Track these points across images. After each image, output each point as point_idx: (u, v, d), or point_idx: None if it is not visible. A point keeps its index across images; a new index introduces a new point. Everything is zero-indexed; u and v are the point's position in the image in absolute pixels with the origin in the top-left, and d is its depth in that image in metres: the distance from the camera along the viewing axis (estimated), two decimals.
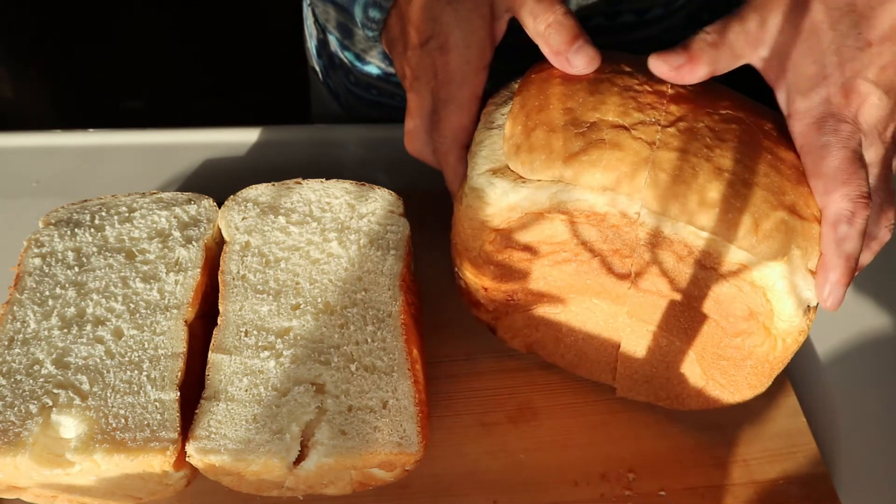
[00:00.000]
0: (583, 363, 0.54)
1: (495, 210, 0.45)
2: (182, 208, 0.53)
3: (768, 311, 0.43)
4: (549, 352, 0.55)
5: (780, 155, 0.43)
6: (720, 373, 0.48)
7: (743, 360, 0.46)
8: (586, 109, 0.43)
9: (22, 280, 0.49)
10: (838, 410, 0.57)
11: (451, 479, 0.51)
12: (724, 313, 0.45)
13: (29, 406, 0.44)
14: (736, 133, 0.43)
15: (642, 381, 0.53)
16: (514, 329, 0.54)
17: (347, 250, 0.51)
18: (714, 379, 0.49)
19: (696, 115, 0.43)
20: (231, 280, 0.49)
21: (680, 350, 0.49)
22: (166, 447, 0.42)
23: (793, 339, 0.44)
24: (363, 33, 0.56)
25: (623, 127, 0.43)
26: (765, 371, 0.47)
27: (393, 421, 0.45)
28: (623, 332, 0.51)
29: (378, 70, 0.71)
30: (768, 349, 0.45)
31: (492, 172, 0.45)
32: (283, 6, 1.19)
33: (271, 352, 0.47)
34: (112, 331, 0.47)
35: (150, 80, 1.46)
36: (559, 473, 0.52)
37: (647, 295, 0.47)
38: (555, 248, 0.46)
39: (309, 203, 0.53)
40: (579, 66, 0.44)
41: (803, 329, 0.44)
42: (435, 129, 0.49)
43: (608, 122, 0.43)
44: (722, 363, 0.48)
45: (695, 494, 0.51)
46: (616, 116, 0.43)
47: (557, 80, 0.46)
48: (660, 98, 0.44)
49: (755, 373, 0.47)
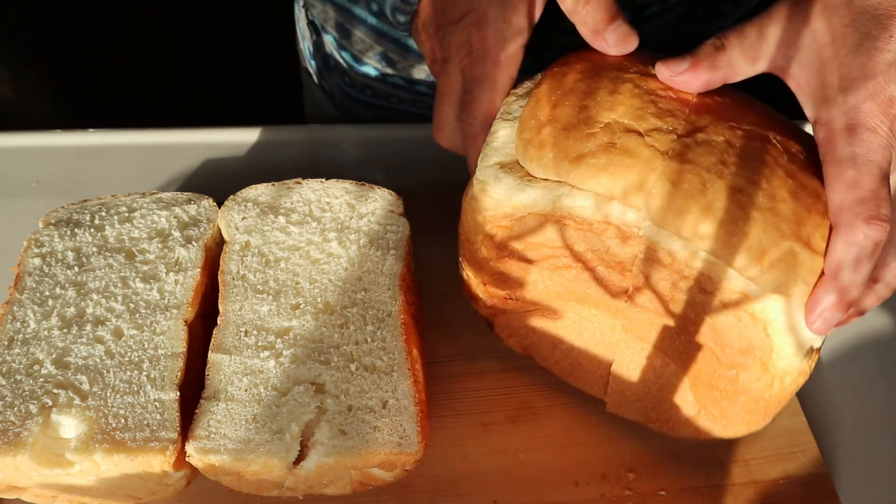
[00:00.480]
0: (576, 373, 0.53)
1: (497, 206, 0.44)
2: (182, 208, 0.53)
3: (767, 347, 0.41)
4: (543, 356, 0.54)
5: (802, 181, 0.40)
6: (713, 403, 0.46)
7: (737, 394, 0.44)
8: (602, 109, 0.42)
9: (22, 280, 0.49)
10: (838, 410, 0.57)
11: (451, 479, 0.51)
12: (720, 342, 0.42)
13: (29, 406, 0.44)
14: (757, 152, 0.40)
15: (633, 399, 0.51)
16: (510, 328, 0.53)
17: (347, 250, 0.51)
18: (706, 409, 0.47)
19: (716, 128, 0.41)
20: (231, 280, 0.49)
21: (674, 374, 0.47)
22: (166, 447, 0.42)
23: (791, 380, 0.42)
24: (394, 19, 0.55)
25: (637, 132, 0.41)
26: (759, 409, 0.44)
27: (393, 421, 0.45)
28: (618, 347, 0.49)
29: (375, 71, 0.71)
30: (764, 386, 0.42)
31: (500, 166, 0.44)
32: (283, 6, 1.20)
33: (271, 352, 0.47)
34: (112, 331, 0.47)
35: (149, 80, 1.46)
36: (559, 473, 0.52)
37: (644, 312, 0.45)
38: (555, 253, 0.45)
39: (309, 203, 0.53)
40: (616, 45, 0.43)
41: (804, 370, 0.42)
42: (464, 110, 0.47)
43: (623, 124, 0.41)
44: (715, 394, 0.45)
45: (695, 494, 0.51)
46: (632, 120, 0.41)
47: (579, 75, 0.44)
48: (682, 106, 0.42)
49: (748, 409, 0.44)
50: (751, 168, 0.40)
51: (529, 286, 0.48)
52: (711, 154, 0.40)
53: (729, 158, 0.40)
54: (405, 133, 0.70)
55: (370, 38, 0.68)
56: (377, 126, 0.71)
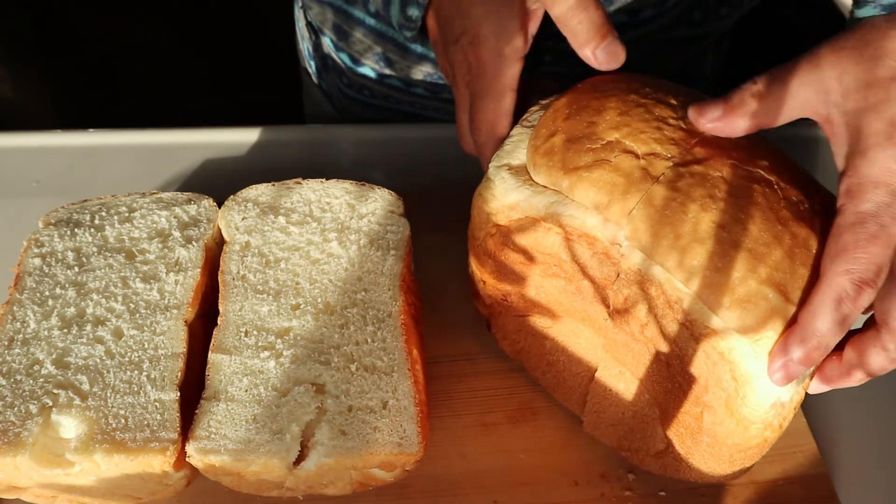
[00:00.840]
0: (560, 387, 0.53)
1: (499, 204, 0.46)
2: (182, 208, 0.53)
3: (732, 390, 0.39)
4: (532, 365, 0.54)
5: (794, 230, 0.39)
6: (679, 440, 0.45)
7: (699, 434, 0.43)
8: (608, 127, 0.42)
9: (22, 280, 0.49)
10: (838, 410, 0.57)
11: (451, 479, 0.51)
12: (687, 377, 0.41)
13: (29, 406, 0.44)
14: (752, 193, 0.40)
15: (608, 423, 0.50)
16: (505, 330, 0.53)
17: (347, 250, 0.51)
18: (673, 445, 0.46)
19: (717, 164, 0.41)
20: (231, 280, 0.49)
21: (647, 403, 0.47)
22: (166, 447, 0.42)
23: (756, 431, 0.40)
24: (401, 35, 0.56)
25: (634, 153, 0.41)
26: (722, 455, 0.43)
27: (393, 421, 0.45)
28: (599, 367, 0.49)
29: (372, 72, 0.71)
30: (728, 432, 0.41)
31: (509, 168, 0.46)
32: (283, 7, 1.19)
33: (271, 352, 0.47)
34: (112, 331, 0.47)
35: (149, 80, 1.46)
36: (559, 473, 0.52)
37: (622, 333, 0.45)
38: (546, 259, 0.46)
39: (309, 203, 0.53)
40: (604, 62, 0.43)
41: (771, 425, 0.40)
42: (472, 121, 0.49)
43: (623, 144, 0.42)
44: (680, 430, 0.44)
45: (695, 494, 0.51)
46: (633, 141, 0.42)
47: (597, 93, 0.45)
48: (689, 137, 0.42)
49: (711, 453, 0.43)
50: (739, 207, 0.39)
51: (527, 286, 0.49)
52: (702, 187, 0.40)
53: (719, 194, 0.39)
54: (405, 133, 0.70)
55: (369, 38, 0.68)
56: (377, 126, 0.71)
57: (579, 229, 0.43)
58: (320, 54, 0.77)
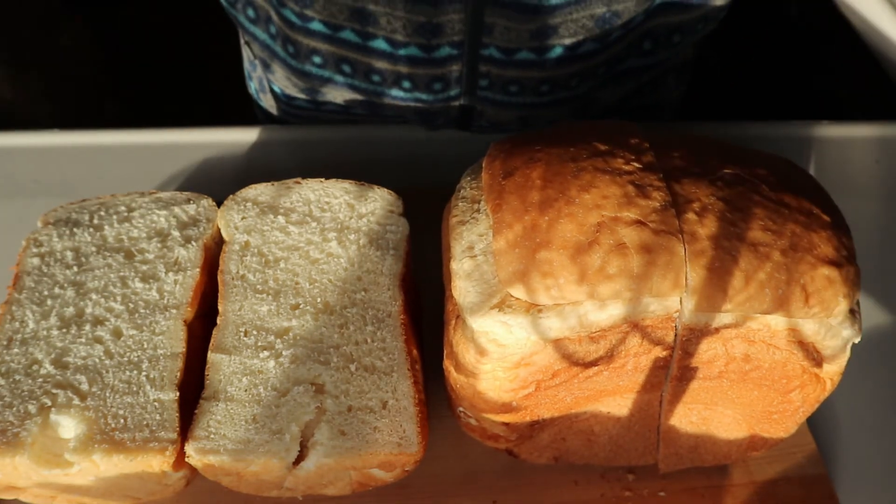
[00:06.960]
0: (620, 454, 0.51)
1: (517, 349, 0.41)
2: (181, 208, 0.53)
3: (819, 360, 0.43)
4: (580, 456, 0.51)
5: (786, 201, 0.42)
6: (769, 424, 0.48)
7: (796, 410, 0.46)
8: (587, 210, 0.39)
9: (21, 280, 0.49)
10: (838, 410, 0.57)
11: (451, 479, 0.51)
12: (775, 378, 0.44)
13: (28, 406, 0.44)
14: (744, 194, 0.41)
15: (686, 450, 0.51)
16: (539, 448, 0.50)
17: (347, 250, 0.51)
18: (761, 430, 0.49)
19: (701, 189, 0.41)
20: (230, 280, 0.49)
21: (724, 415, 0.48)
22: (165, 447, 0.42)
23: (837, 374, 0.44)
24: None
25: (639, 222, 0.39)
26: (813, 408, 0.47)
27: (393, 421, 0.45)
28: (662, 417, 0.48)
29: (321, 27, 0.63)
30: (819, 392, 0.45)
31: (496, 308, 0.40)
32: None
33: (271, 352, 0.47)
34: (111, 331, 0.47)
35: (149, 80, 1.46)
36: (559, 473, 0.51)
37: (685, 383, 0.45)
38: (576, 371, 0.43)
39: (308, 203, 0.53)
40: None
41: (844, 362, 0.45)
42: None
43: (620, 219, 0.39)
44: (774, 417, 0.47)
45: (695, 494, 0.51)
46: (624, 211, 0.39)
47: (537, 182, 0.41)
48: (654, 174, 0.41)
49: (806, 412, 0.47)
50: (753, 215, 0.41)
51: (559, 402, 0.46)
52: (718, 219, 0.40)
53: (732, 215, 0.40)
54: (405, 133, 0.70)
55: (265, 53, 0.68)
56: (377, 126, 0.71)
57: (623, 321, 0.40)
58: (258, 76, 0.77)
